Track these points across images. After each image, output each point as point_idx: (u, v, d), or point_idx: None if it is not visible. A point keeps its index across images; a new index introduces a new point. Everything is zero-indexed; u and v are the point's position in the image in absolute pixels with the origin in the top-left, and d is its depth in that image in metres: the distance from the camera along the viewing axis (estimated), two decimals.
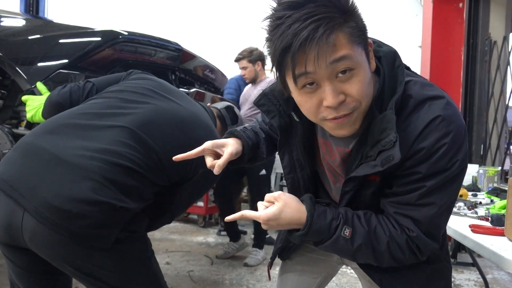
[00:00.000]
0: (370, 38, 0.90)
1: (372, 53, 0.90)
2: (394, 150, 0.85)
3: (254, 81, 3.58)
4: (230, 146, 1.08)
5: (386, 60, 0.93)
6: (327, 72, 0.80)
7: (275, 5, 0.82)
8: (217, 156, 1.08)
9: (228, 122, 1.77)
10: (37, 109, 1.59)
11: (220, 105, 1.82)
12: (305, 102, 0.86)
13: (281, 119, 1.03)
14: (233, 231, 3.52)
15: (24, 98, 1.65)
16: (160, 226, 1.52)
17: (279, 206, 0.94)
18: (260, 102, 1.05)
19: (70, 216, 1.11)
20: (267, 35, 0.84)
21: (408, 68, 1.00)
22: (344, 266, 1.31)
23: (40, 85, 1.68)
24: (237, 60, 3.61)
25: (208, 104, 1.80)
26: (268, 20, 0.83)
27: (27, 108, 1.62)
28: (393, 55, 0.94)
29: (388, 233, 0.93)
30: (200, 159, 1.14)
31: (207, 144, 1.07)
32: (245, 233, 4.18)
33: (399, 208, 0.93)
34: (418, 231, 0.91)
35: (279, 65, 0.83)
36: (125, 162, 1.23)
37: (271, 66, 0.88)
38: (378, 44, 0.96)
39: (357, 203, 1.01)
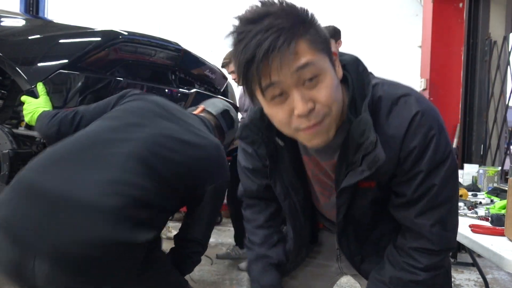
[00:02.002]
0: None
1: (338, 61, 0.91)
2: (377, 151, 0.87)
3: None
4: None
5: (351, 66, 0.95)
6: (293, 80, 0.82)
7: (236, 22, 0.84)
8: None
9: (225, 129, 1.70)
10: (32, 114, 1.59)
11: (216, 108, 1.70)
12: (276, 114, 0.87)
13: (267, 147, 1.02)
14: (242, 237, 3.51)
15: (23, 98, 1.66)
16: (197, 262, 1.45)
17: None
18: (242, 134, 1.03)
19: (91, 260, 1.07)
20: (232, 51, 0.85)
21: (370, 72, 1.02)
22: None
23: (39, 87, 1.68)
24: (224, 65, 3.51)
25: (202, 106, 1.69)
26: (231, 37, 0.84)
27: (23, 112, 1.63)
28: (355, 61, 0.96)
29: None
30: (205, 174, 1.22)
31: None
32: None
33: (413, 223, 0.95)
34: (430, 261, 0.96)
35: (245, 78, 0.84)
36: (137, 191, 1.16)
37: (238, 81, 0.90)
38: (340, 53, 0.97)
39: (354, 215, 1.03)
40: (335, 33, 2.96)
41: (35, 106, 1.62)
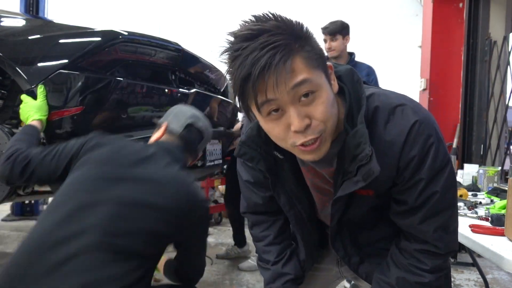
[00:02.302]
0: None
1: (334, 75, 0.92)
2: (372, 164, 0.87)
3: None
4: None
5: (346, 77, 0.96)
6: (290, 97, 0.82)
7: (232, 39, 0.84)
8: None
9: (194, 147, 1.55)
10: (26, 118, 1.62)
11: (178, 125, 1.51)
12: (272, 129, 0.87)
13: (266, 162, 1.02)
14: (241, 236, 3.53)
15: (22, 97, 1.68)
16: None
17: None
18: (240, 152, 1.03)
19: None
20: (228, 68, 0.86)
21: (365, 82, 1.03)
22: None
23: (39, 89, 1.69)
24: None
25: (164, 125, 1.52)
26: (227, 53, 0.85)
27: (20, 111, 1.66)
28: (350, 72, 0.97)
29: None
30: (180, 228, 1.20)
31: None
32: None
33: (416, 230, 0.97)
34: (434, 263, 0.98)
35: (241, 95, 0.85)
36: (114, 284, 1.04)
37: (233, 97, 0.90)
38: (334, 65, 0.98)
39: (350, 220, 1.05)
40: (342, 28, 2.97)
41: (29, 110, 1.64)
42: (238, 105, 3.57)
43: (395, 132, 0.90)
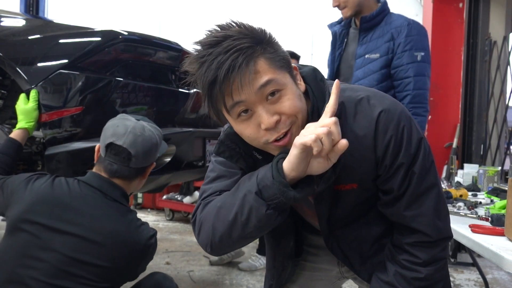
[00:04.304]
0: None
1: (299, 76, 0.94)
2: None
3: None
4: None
5: (309, 77, 0.98)
6: (257, 97, 0.85)
7: (198, 47, 0.88)
8: None
9: (125, 170, 1.45)
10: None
11: (102, 147, 1.46)
12: (244, 129, 0.89)
13: (245, 160, 1.01)
14: None
15: (20, 97, 1.70)
16: None
17: None
18: (219, 150, 1.02)
19: None
20: (195, 76, 0.88)
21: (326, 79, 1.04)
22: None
23: (32, 93, 1.70)
24: None
25: (95, 156, 1.51)
26: (194, 61, 0.88)
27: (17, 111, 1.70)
28: (313, 71, 0.99)
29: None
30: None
31: None
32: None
33: (404, 218, 0.96)
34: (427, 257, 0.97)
35: (210, 99, 0.88)
36: None
37: (203, 102, 0.91)
38: (299, 66, 0.99)
39: (339, 218, 1.04)
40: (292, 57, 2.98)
41: (18, 113, 1.68)
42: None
43: (364, 124, 0.92)
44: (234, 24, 0.89)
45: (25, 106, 1.67)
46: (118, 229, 1.35)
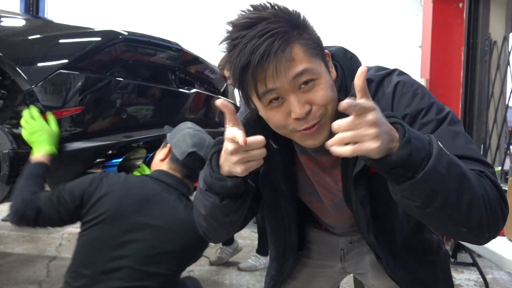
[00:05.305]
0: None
1: (331, 63, 0.92)
2: None
3: None
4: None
5: (339, 55, 0.97)
6: (290, 86, 0.82)
7: (230, 28, 0.84)
8: None
9: (195, 175, 1.64)
10: (38, 143, 1.62)
11: (181, 151, 1.64)
12: (272, 117, 0.87)
13: None
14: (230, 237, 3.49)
15: (34, 114, 1.68)
16: None
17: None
18: None
19: None
20: (227, 57, 0.85)
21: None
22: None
23: (50, 117, 1.70)
24: (220, 69, 3.22)
25: (164, 155, 1.67)
26: (226, 42, 0.85)
27: (24, 126, 1.65)
28: (342, 49, 0.98)
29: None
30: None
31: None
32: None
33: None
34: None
35: (240, 84, 0.84)
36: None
37: (234, 85, 0.89)
38: (326, 47, 0.97)
39: (376, 205, 0.97)
40: None
41: (43, 134, 1.63)
42: (238, 106, 3.55)
43: (384, 99, 0.91)
44: (269, 5, 0.85)
45: (52, 130, 1.67)
46: (187, 219, 1.49)
